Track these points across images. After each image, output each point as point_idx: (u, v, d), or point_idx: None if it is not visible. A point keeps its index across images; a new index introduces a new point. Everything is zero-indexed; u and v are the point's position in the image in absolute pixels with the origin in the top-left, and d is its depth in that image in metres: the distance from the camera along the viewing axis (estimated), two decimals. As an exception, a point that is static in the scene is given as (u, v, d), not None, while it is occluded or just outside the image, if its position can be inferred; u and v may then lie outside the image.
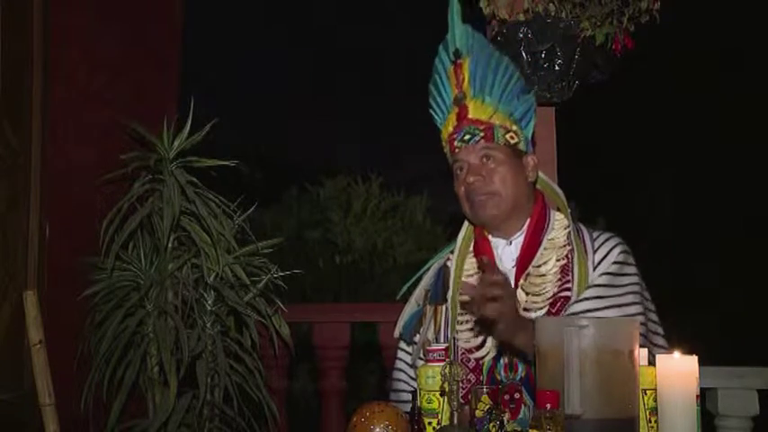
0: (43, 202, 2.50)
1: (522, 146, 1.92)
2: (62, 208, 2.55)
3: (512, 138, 1.90)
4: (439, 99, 1.96)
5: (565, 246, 1.89)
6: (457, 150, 1.91)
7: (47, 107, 2.54)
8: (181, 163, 2.32)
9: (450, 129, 1.92)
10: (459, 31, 1.92)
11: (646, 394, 1.52)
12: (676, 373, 1.46)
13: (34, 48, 2.50)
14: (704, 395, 2.75)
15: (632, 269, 1.87)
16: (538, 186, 2.00)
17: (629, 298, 1.82)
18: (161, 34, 2.91)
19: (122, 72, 2.75)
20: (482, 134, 1.88)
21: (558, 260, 1.88)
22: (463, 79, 1.90)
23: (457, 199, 1.96)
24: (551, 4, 2.31)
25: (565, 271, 1.87)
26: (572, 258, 1.87)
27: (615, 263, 1.86)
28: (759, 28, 8.46)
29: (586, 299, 1.81)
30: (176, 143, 2.31)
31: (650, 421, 1.51)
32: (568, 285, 1.85)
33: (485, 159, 1.89)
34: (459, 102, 1.90)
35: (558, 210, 1.98)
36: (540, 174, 2.01)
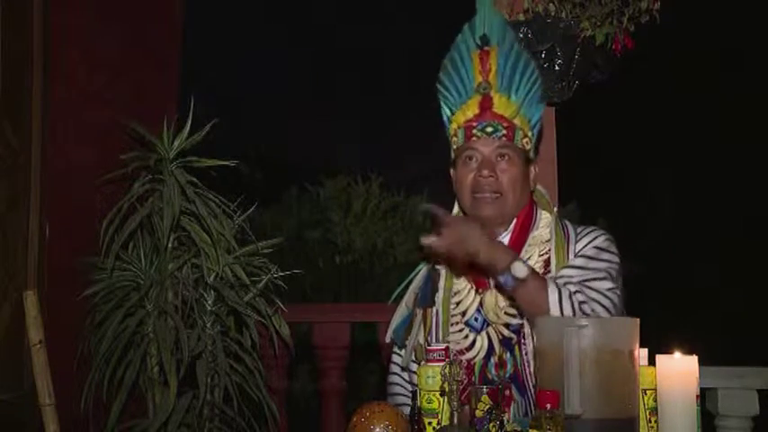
0: (43, 202, 2.50)
1: (531, 154, 1.94)
2: (62, 208, 2.55)
3: (527, 143, 1.92)
4: (456, 78, 1.93)
5: (548, 241, 1.92)
6: (474, 139, 1.89)
7: (47, 107, 2.54)
8: (181, 163, 2.32)
9: (471, 115, 1.91)
10: (491, 19, 1.92)
11: (646, 394, 1.52)
12: (676, 373, 1.46)
13: (34, 48, 2.50)
14: (704, 395, 2.75)
15: (612, 256, 1.88)
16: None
17: (602, 274, 1.84)
18: (161, 34, 2.91)
19: (122, 72, 2.75)
20: (504, 131, 1.88)
21: (540, 255, 1.90)
22: (490, 69, 1.89)
23: (455, 187, 1.96)
24: (551, 4, 2.31)
25: (547, 264, 1.89)
26: (551, 249, 1.89)
27: (595, 247, 1.88)
28: (759, 28, 8.46)
29: (560, 276, 1.83)
30: (176, 143, 2.30)
31: (650, 421, 1.51)
32: (551, 276, 1.86)
33: (500, 158, 1.89)
34: (484, 91, 1.89)
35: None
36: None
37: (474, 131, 1.89)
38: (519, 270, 1.71)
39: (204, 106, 2.52)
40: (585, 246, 1.89)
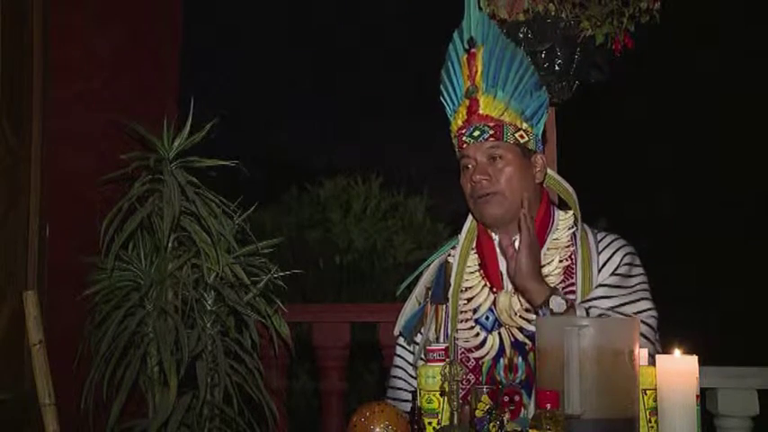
0: (43, 202, 2.50)
1: (531, 145, 1.90)
2: (62, 208, 2.55)
3: (521, 137, 1.88)
4: (450, 89, 1.93)
5: (568, 246, 1.88)
6: (465, 146, 1.89)
7: (47, 107, 2.54)
8: (181, 163, 2.32)
9: (460, 122, 1.90)
10: (474, 19, 1.89)
11: (646, 394, 1.52)
12: (676, 373, 1.46)
13: (34, 47, 2.50)
14: (704, 395, 2.75)
15: (640, 270, 1.87)
16: (547, 184, 1.99)
17: (639, 295, 1.82)
18: (161, 34, 2.91)
19: (122, 72, 2.75)
20: (491, 132, 1.86)
21: (560, 261, 1.87)
22: (476, 71, 1.87)
23: (462, 193, 1.95)
24: (551, 4, 2.32)
25: (568, 273, 1.86)
26: (575, 260, 1.86)
27: (624, 264, 1.85)
28: (759, 28, 8.46)
29: (593, 303, 1.80)
30: (176, 143, 2.31)
31: (650, 421, 1.51)
32: (572, 288, 1.84)
33: (492, 158, 1.87)
34: (471, 95, 1.87)
35: (566, 208, 1.97)
36: (551, 171, 1.99)
37: (463, 138, 1.89)
38: (557, 305, 1.71)
39: (204, 106, 2.52)
40: (611, 258, 1.86)
